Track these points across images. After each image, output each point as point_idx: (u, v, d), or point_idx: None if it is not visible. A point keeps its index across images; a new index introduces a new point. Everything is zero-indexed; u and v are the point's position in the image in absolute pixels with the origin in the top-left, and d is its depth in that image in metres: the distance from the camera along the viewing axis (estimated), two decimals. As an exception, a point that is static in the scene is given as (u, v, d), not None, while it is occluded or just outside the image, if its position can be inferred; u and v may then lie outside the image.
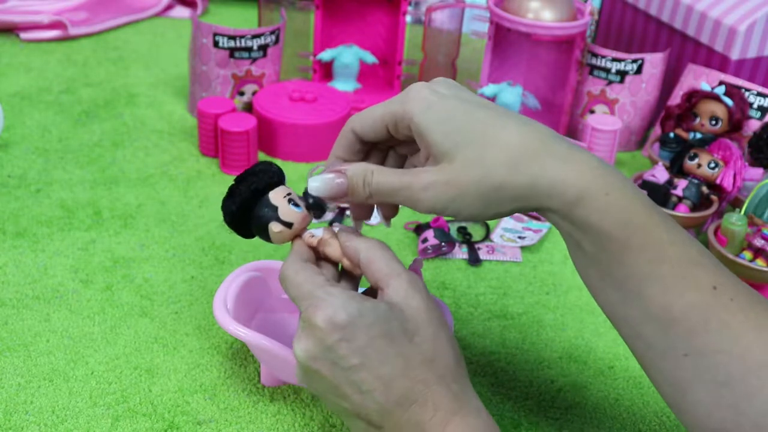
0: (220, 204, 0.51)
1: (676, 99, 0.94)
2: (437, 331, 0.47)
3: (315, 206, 0.52)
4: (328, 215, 0.80)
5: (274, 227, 0.50)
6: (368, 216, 0.54)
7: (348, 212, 0.80)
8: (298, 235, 0.51)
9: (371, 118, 0.50)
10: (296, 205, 0.50)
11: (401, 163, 0.54)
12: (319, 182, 0.49)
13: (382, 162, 0.53)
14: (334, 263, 0.51)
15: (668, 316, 0.45)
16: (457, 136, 0.46)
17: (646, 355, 0.47)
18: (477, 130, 0.46)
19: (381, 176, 0.48)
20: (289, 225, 0.50)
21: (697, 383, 0.45)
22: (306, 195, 0.52)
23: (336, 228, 0.51)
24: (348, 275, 0.51)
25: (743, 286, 0.46)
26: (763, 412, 0.43)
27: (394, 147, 0.53)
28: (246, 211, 0.50)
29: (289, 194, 0.50)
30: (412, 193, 0.47)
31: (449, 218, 0.50)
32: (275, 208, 0.50)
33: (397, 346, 0.45)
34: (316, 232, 0.51)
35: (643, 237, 0.45)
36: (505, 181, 0.45)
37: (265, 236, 0.51)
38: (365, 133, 0.50)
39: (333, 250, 0.50)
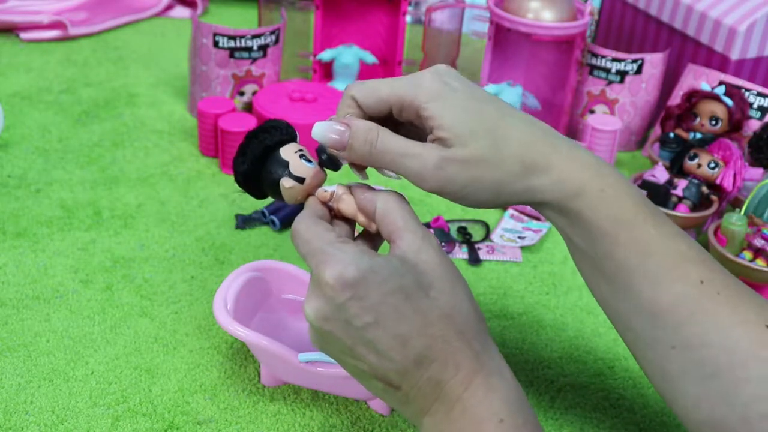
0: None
1: (676, 99, 0.94)
2: (454, 285, 0.45)
3: (328, 162, 0.50)
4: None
5: (286, 183, 0.48)
6: (363, 174, 0.51)
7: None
8: (311, 194, 0.49)
9: (376, 94, 0.49)
10: (308, 160, 0.49)
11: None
12: (321, 126, 0.48)
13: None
14: (350, 222, 0.49)
15: (656, 309, 0.46)
16: (470, 125, 0.46)
17: (637, 347, 0.48)
18: (489, 125, 0.47)
19: (388, 137, 0.47)
20: (300, 180, 0.48)
21: (685, 375, 0.46)
22: (319, 151, 0.50)
23: (350, 185, 0.49)
24: (365, 236, 0.49)
25: (732, 280, 0.47)
26: (750, 404, 0.44)
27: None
28: (257, 168, 0.49)
29: (300, 150, 0.49)
30: (421, 165, 0.46)
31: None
32: (286, 164, 0.48)
33: (413, 302, 0.43)
34: (330, 188, 0.49)
35: (632, 232, 0.46)
36: (518, 177, 0.46)
37: (277, 194, 0.49)
38: (367, 105, 0.49)
39: (347, 205, 0.48)
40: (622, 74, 0.94)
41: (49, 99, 0.99)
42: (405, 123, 0.49)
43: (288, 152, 0.49)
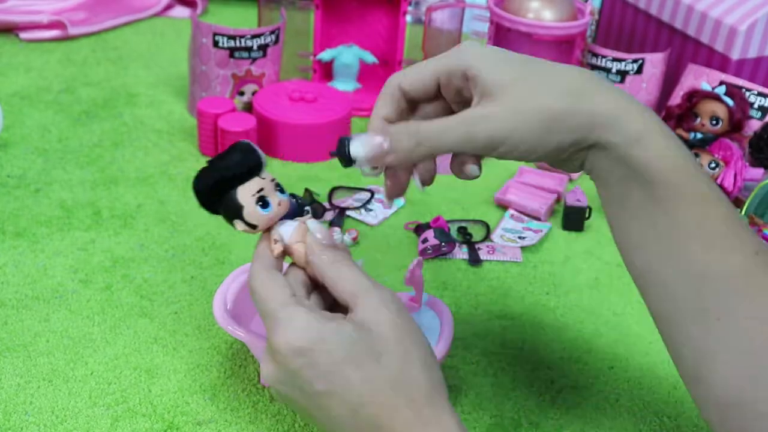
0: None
1: (676, 99, 0.94)
2: (408, 351, 0.44)
3: (343, 158, 0.48)
4: (328, 215, 0.80)
5: (238, 225, 0.47)
6: (403, 190, 0.51)
7: (348, 212, 0.80)
8: (268, 229, 0.48)
9: (421, 73, 0.48)
10: (264, 206, 0.47)
11: None
12: (360, 141, 0.47)
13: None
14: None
15: (707, 275, 0.43)
16: (513, 72, 0.46)
17: (674, 318, 0.45)
18: (535, 68, 0.46)
19: (427, 124, 0.46)
20: (252, 227, 0.47)
21: (722, 351, 0.43)
22: (339, 148, 0.49)
23: (309, 223, 0.48)
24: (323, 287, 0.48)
25: None
26: None
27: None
28: (212, 202, 0.47)
29: (260, 191, 0.47)
30: (468, 126, 0.45)
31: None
32: (240, 208, 0.46)
33: (363, 371, 0.43)
34: (284, 230, 0.48)
35: (693, 189, 0.44)
36: (569, 108, 0.44)
37: (232, 226, 0.48)
38: (415, 88, 0.49)
39: (298, 257, 0.48)
40: (623, 74, 0.94)
41: (48, 99, 0.98)
42: (447, 100, 0.49)
43: (245, 195, 0.46)
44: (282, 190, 0.48)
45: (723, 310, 0.43)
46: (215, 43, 0.92)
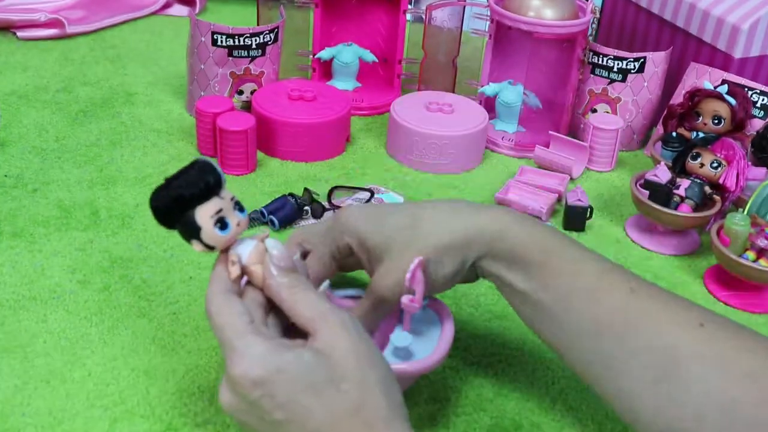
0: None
1: (678, 98, 0.93)
2: (366, 376, 0.44)
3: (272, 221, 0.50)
4: (327, 215, 0.79)
5: (195, 246, 0.46)
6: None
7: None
8: (225, 249, 0.47)
9: (319, 264, 0.57)
10: (223, 228, 0.46)
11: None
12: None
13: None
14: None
15: (598, 324, 0.49)
16: (390, 229, 0.53)
17: (590, 372, 0.51)
18: (407, 220, 0.53)
19: (356, 312, 0.54)
20: (210, 248, 0.46)
21: (638, 385, 0.48)
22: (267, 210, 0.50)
23: (267, 243, 0.47)
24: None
25: (656, 286, 0.51)
26: (702, 402, 0.46)
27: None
28: (173, 213, 0.46)
29: (218, 212, 0.45)
30: (384, 301, 0.53)
31: None
32: (198, 229, 0.45)
33: (322, 399, 0.43)
34: (242, 250, 0.47)
35: (560, 257, 0.51)
36: (444, 242, 0.52)
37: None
38: (317, 276, 0.56)
39: (256, 279, 0.47)
40: (624, 73, 0.94)
41: (46, 98, 0.98)
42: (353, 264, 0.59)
43: (203, 216, 0.45)
44: (241, 209, 0.47)
45: (623, 350, 0.48)
46: (214, 42, 0.91)
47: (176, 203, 0.45)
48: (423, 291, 0.57)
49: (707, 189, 0.78)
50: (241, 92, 0.95)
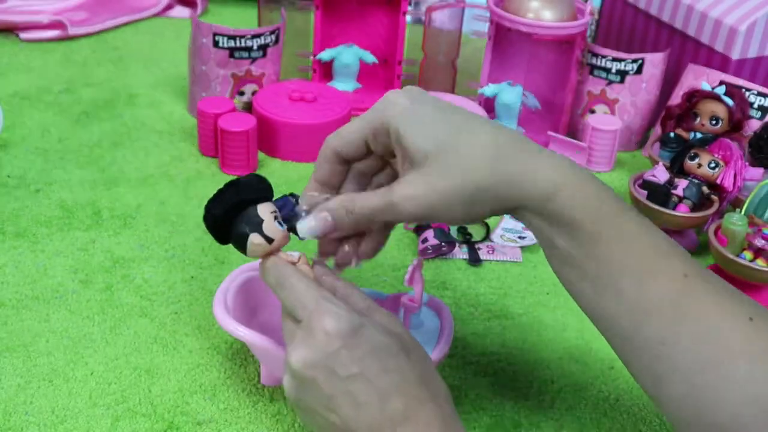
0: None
1: (676, 99, 0.94)
2: (427, 356, 0.48)
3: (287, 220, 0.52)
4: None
5: (255, 239, 0.49)
6: (335, 251, 0.54)
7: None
8: (272, 254, 0.50)
9: (350, 135, 0.51)
10: (280, 223, 0.50)
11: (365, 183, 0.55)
12: (307, 225, 0.50)
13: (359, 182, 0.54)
14: None
15: (643, 306, 0.46)
16: (434, 140, 0.47)
17: (625, 350, 0.48)
18: (453, 134, 0.47)
19: (362, 200, 0.49)
20: (270, 240, 0.49)
21: (674, 374, 0.45)
22: (290, 218, 0.52)
23: (310, 259, 0.52)
24: None
25: (711, 274, 0.47)
26: (741, 401, 0.43)
27: (371, 175, 0.54)
28: (230, 217, 0.50)
29: (275, 212, 0.50)
30: (395, 208, 0.48)
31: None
32: (260, 222, 0.49)
33: (396, 360, 0.45)
34: (293, 254, 0.51)
35: (614, 229, 0.46)
36: (484, 182, 0.46)
37: (242, 246, 0.50)
38: (346, 150, 0.51)
39: (306, 273, 0.51)
40: (623, 74, 0.94)
41: (48, 99, 0.98)
42: (383, 153, 0.51)
43: (264, 211, 0.49)
44: (281, 223, 0.50)
45: (665, 337, 0.45)
46: (215, 43, 0.92)
47: (241, 203, 0.49)
48: (422, 291, 0.57)
49: (705, 189, 0.79)
50: (242, 93, 0.96)
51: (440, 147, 0.47)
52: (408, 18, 1.01)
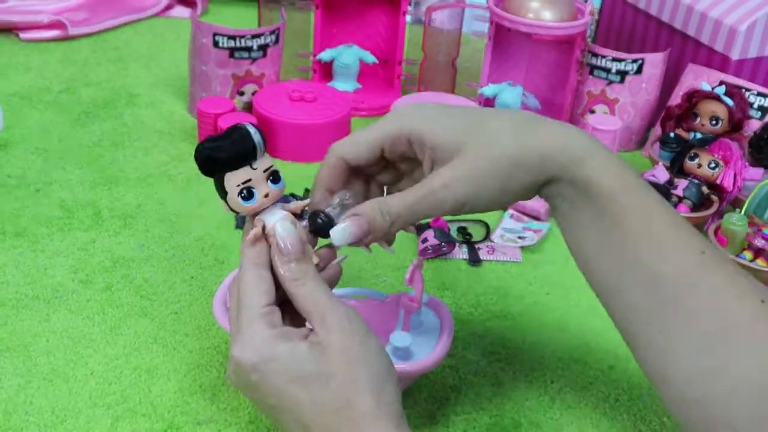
0: (219, 204, 0.49)
1: (676, 99, 0.94)
2: (356, 375, 0.45)
3: (320, 228, 0.49)
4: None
5: (223, 206, 0.48)
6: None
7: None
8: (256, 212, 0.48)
9: (364, 143, 0.50)
10: (247, 198, 0.47)
11: (381, 194, 0.54)
12: (341, 233, 0.48)
13: (366, 189, 0.53)
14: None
15: (660, 278, 0.46)
16: (458, 131, 0.48)
17: (635, 324, 0.48)
18: (475, 122, 0.48)
19: (396, 200, 0.48)
20: (234, 212, 0.48)
21: (681, 349, 0.46)
22: (311, 218, 0.50)
23: (278, 227, 0.48)
24: None
25: (727, 256, 0.49)
26: (741, 376, 0.44)
27: (374, 176, 0.53)
28: (205, 173, 0.47)
29: (246, 182, 0.46)
30: (434, 197, 0.47)
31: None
32: (225, 193, 0.47)
33: (310, 392, 0.44)
34: (269, 218, 0.48)
35: (641, 199, 0.47)
36: (516, 155, 0.47)
37: None
38: (359, 158, 0.50)
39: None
40: (623, 74, 0.94)
41: (48, 99, 0.98)
42: (393, 162, 0.51)
43: (231, 183, 0.47)
44: (276, 180, 0.48)
45: (678, 311, 0.46)
46: (215, 44, 0.92)
47: (206, 165, 0.47)
48: (422, 291, 0.57)
49: (705, 189, 0.79)
50: (242, 93, 0.96)
51: (465, 136, 0.47)
52: (408, 18, 1.01)
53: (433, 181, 0.47)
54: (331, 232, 0.48)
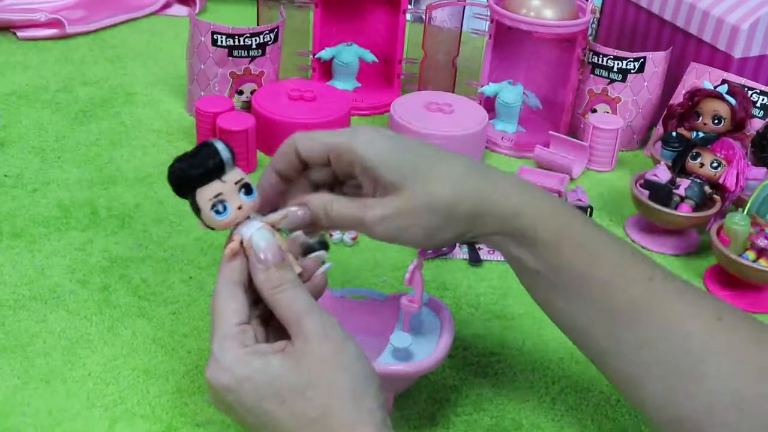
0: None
1: (678, 98, 0.93)
2: (333, 382, 0.44)
3: (310, 250, 0.50)
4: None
5: (200, 225, 0.48)
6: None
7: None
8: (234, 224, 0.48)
9: (317, 141, 0.52)
10: (221, 210, 0.47)
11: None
12: (282, 216, 0.50)
13: (325, 178, 0.54)
14: None
15: (613, 312, 0.48)
16: (404, 169, 0.49)
17: (602, 358, 0.50)
18: (421, 162, 0.50)
19: (340, 207, 0.50)
20: (211, 228, 0.47)
21: (649, 375, 0.48)
22: (307, 250, 0.51)
23: (255, 236, 0.47)
24: None
25: (676, 277, 0.50)
26: (714, 397, 0.46)
27: (324, 184, 0.54)
28: (179, 195, 0.48)
29: (217, 196, 0.47)
30: (366, 225, 0.50)
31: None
32: (199, 210, 0.47)
33: (287, 406, 0.44)
34: (245, 230, 0.47)
35: (576, 239, 0.49)
36: (451, 206, 0.49)
37: None
38: (308, 154, 0.52)
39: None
40: (624, 73, 0.94)
41: (45, 98, 0.98)
42: (343, 173, 0.52)
43: (203, 199, 0.47)
44: (248, 191, 0.48)
45: (637, 340, 0.48)
46: (214, 42, 0.91)
47: (179, 182, 0.47)
48: (422, 291, 0.57)
49: (707, 189, 0.78)
50: (241, 92, 0.95)
51: (409, 177, 0.49)
52: (408, 16, 1.01)
53: (367, 210, 0.49)
54: (274, 214, 0.49)
